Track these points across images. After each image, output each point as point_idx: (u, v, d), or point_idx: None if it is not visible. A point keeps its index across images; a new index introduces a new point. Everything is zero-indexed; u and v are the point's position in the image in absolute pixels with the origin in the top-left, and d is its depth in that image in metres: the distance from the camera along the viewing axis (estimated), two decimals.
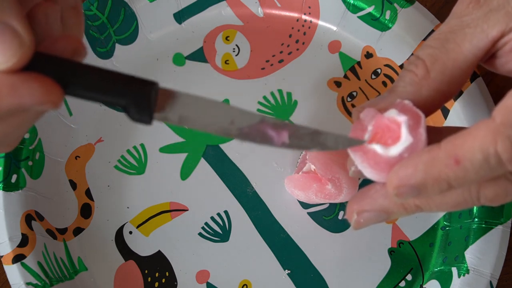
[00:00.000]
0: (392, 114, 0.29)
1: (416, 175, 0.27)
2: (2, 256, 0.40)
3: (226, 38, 0.47)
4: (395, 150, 0.28)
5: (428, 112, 0.31)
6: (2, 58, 0.23)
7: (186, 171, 0.44)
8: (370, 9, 0.45)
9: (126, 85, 0.26)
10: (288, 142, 0.29)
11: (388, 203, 0.30)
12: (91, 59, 0.45)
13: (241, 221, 0.43)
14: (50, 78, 0.24)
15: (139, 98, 0.26)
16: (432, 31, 0.44)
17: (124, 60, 0.46)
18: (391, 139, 0.28)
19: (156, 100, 0.27)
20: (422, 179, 0.26)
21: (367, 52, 0.47)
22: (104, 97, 0.26)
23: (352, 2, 0.45)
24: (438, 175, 0.26)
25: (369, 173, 0.29)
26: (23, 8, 0.25)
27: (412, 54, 0.44)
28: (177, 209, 0.44)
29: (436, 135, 0.28)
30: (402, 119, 0.28)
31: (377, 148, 0.28)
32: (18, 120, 0.26)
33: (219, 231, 0.43)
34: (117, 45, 0.46)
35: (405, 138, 0.28)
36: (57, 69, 0.25)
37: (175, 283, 0.42)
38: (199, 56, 0.47)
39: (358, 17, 0.46)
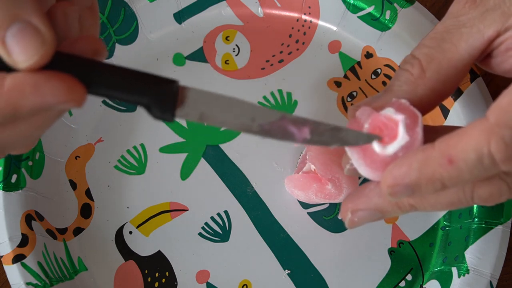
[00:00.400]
0: (389, 112, 0.29)
1: (410, 174, 0.27)
2: (2, 256, 0.40)
3: (226, 38, 0.47)
4: (391, 148, 0.28)
5: (423, 111, 0.31)
6: (24, 56, 0.23)
7: (186, 171, 0.44)
8: (370, 9, 0.45)
9: (147, 83, 0.26)
10: (310, 138, 0.29)
11: (383, 202, 0.30)
12: None
13: (241, 221, 0.43)
14: (72, 76, 0.25)
15: (161, 96, 0.26)
16: None
17: (124, 60, 0.46)
18: (387, 137, 0.29)
19: (177, 98, 0.27)
20: (416, 178, 0.27)
21: (367, 52, 0.47)
22: (126, 96, 0.26)
23: (352, 2, 0.45)
24: (432, 175, 0.26)
25: (364, 171, 0.29)
26: (43, 7, 0.25)
27: None
28: (177, 209, 0.44)
29: (432, 134, 0.29)
30: (399, 117, 0.28)
31: (374, 146, 0.29)
32: (40, 120, 0.26)
33: (219, 231, 0.43)
34: (117, 45, 0.46)
35: (402, 137, 0.28)
36: (79, 68, 0.25)
37: (175, 283, 0.42)
38: (199, 56, 0.47)
39: (358, 17, 0.46)
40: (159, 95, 0.26)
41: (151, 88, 0.26)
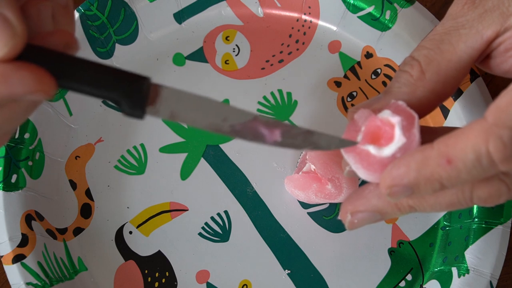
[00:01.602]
0: (386, 115, 0.29)
1: (408, 175, 0.27)
2: (2, 256, 0.40)
3: (226, 38, 0.47)
4: (388, 150, 0.28)
5: (423, 112, 0.31)
6: None
7: (186, 171, 0.44)
8: (370, 9, 0.45)
9: (118, 79, 0.26)
10: (280, 140, 0.29)
11: (382, 203, 0.30)
12: (91, 59, 0.45)
13: (241, 221, 0.43)
14: (41, 67, 0.25)
15: (131, 92, 0.26)
16: None
17: (124, 60, 0.46)
18: (384, 139, 0.29)
19: (148, 95, 0.27)
20: (415, 178, 0.27)
21: (367, 52, 0.47)
22: (96, 90, 0.26)
23: (352, 2, 0.45)
24: (431, 175, 0.26)
25: (362, 174, 0.29)
26: (17, 1, 0.25)
27: None
28: (177, 209, 0.44)
29: (431, 135, 0.29)
30: (395, 119, 0.28)
31: (370, 148, 0.29)
32: (9, 112, 0.26)
33: (219, 231, 0.43)
34: (117, 45, 0.46)
35: (399, 139, 0.28)
36: (49, 61, 0.25)
37: (175, 283, 0.42)
38: (199, 56, 0.47)
39: (358, 17, 0.46)
40: (129, 91, 0.26)
41: (121, 84, 0.26)
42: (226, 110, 0.28)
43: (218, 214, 0.44)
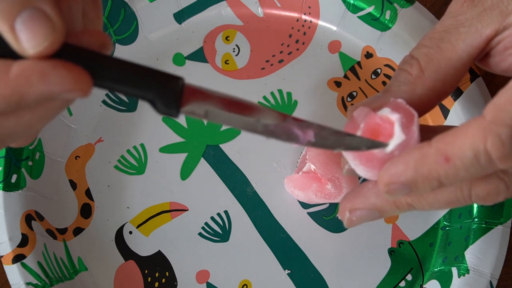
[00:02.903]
0: (385, 112, 0.29)
1: (406, 172, 0.27)
2: (2, 256, 0.40)
3: (226, 38, 0.47)
4: (387, 147, 0.28)
5: (423, 111, 0.31)
6: (34, 41, 0.23)
7: (186, 171, 0.44)
8: (370, 9, 0.45)
9: (153, 78, 0.26)
10: (314, 141, 0.29)
11: (380, 201, 0.30)
12: None
13: (241, 221, 0.43)
14: (79, 66, 0.25)
15: (166, 92, 0.27)
16: None
17: None
18: (383, 136, 0.29)
19: (183, 94, 0.27)
20: (413, 176, 0.27)
21: (367, 52, 0.47)
22: (132, 90, 0.26)
23: (352, 2, 0.45)
24: (429, 173, 0.26)
25: (361, 171, 0.29)
26: None
27: None
28: (177, 209, 0.44)
29: (430, 134, 0.29)
30: (395, 117, 0.28)
31: None
32: (45, 110, 0.26)
33: (219, 231, 0.43)
34: (117, 45, 0.46)
35: (398, 136, 0.28)
36: (85, 60, 0.25)
37: (175, 283, 0.42)
38: (199, 56, 0.47)
39: (358, 17, 0.46)
40: (164, 91, 0.27)
41: (157, 83, 0.26)
42: (258, 109, 0.28)
43: (218, 214, 0.44)
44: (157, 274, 0.42)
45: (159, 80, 0.26)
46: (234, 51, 0.47)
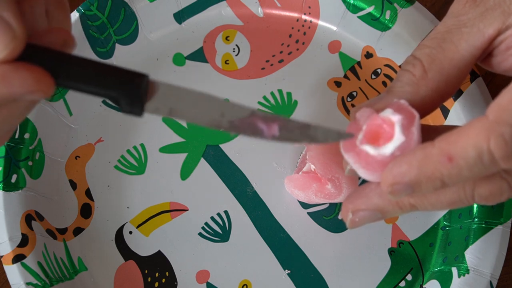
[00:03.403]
0: (387, 113, 0.29)
1: (410, 173, 0.27)
2: (2, 256, 0.40)
3: (226, 38, 0.47)
4: (386, 149, 0.28)
5: (426, 111, 0.31)
6: None
7: (186, 171, 0.44)
8: (370, 9, 0.45)
9: (117, 77, 0.26)
10: (278, 134, 0.29)
11: (383, 202, 0.30)
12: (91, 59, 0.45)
13: (241, 221, 0.43)
14: (40, 67, 0.25)
15: (130, 90, 0.26)
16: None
17: (124, 60, 0.46)
18: (384, 138, 0.29)
19: (147, 92, 0.27)
20: (416, 176, 0.27)
21: (367, 52, 0.47)
22: (95, 88, 0.26)
23: (352, 2, 0.45)
24: (432, 173, 0.26)
25: (362, 173, 0.29)
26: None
27: None
28: (177, 209, 0.44)
29: (432, 134, 0.29)
30: (396, 118, 0.28)
31: (368, 149, 0.29)
32: (8, 112, 0.26)
33: (219, 231, 0.43)
34: (117, 45, 0.46)
35: (397, 137, 0.28)
36: (47, 60, 0.25)
37: (175, 283, 0.42)
38: (199, 56, 0.47)
39: (358, 17, 0.46)
40: (128, 89, 0.26)
41: (120, 82, 0.26)
42: (224, 105, 0.28)
43: (218, 214, 0.44)
44: (157, 274, 0.42)
45: (122, 78, 0.26)
46: (234, 51, 0.47)
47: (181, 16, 0.47)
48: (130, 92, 0.26)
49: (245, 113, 0.29)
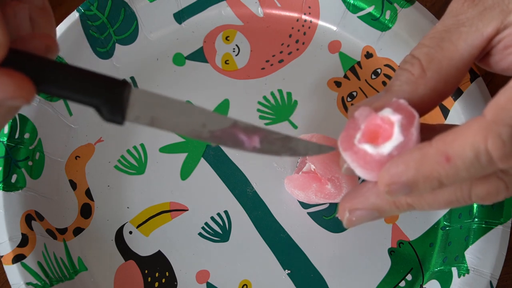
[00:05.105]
0: (386, 113, 0.29)
1: (407, 173, 0.27)
2: (2, 256, 0.40)
3: (226, 38, 0.47)
4: (385, 148, 0.28)
5: (424, 111, 0.31)
6: None
7: (186, 171, 0.44)
8: (370, 9, 0.45)
9: (98, 84, 0.26)
10: (259, 146, 0.29)
11: (380, 201, 0.30)
12: (91, 59, 0.45)
13: (241, 221, 0.43)
14: (22, 73, 0.25)
15: (112, 98, 0.26)
16: None
17: (124, 60, 0.46)
18: (382, 138, 0.29)
19: (128, 100, 0.27)
20: (413, 176, 0.26)
21: (367, 52, 0.47)
22: (76, 95, 0.26)
23: (352, 2, 0.45)
24: (429, 173, 0.26)
25: (360, 172, 0.29)
26: None
27: None
28: (177, 209, 0.44)
29: (430, 133, 0.28)
30: (395, 118, 0.28)
31: (366, 147, 0.29)
32: None
33: (219, 231, 0.43)
34: (117, 45, 0.46)
35: (396, 137, 0.28)
36: (29, 66, 0.25)
37: (175, 283, 0.42)
38: (199, 56, 0.47)
39: (358, 17, 0.46)
40: (109, 97, 0.26)
41: (101, 90, 0.26)
42: (205, 115, 0.28)
43: (218, 214, 0.44)
44: (157, 274, 0.42)
45: (104, 85, 0.26)
46: (234, 51, 0.47)
47: (181, 16, 0.47)
48: (112, 99, 0.26)
49: (227, 123, 0.29)
